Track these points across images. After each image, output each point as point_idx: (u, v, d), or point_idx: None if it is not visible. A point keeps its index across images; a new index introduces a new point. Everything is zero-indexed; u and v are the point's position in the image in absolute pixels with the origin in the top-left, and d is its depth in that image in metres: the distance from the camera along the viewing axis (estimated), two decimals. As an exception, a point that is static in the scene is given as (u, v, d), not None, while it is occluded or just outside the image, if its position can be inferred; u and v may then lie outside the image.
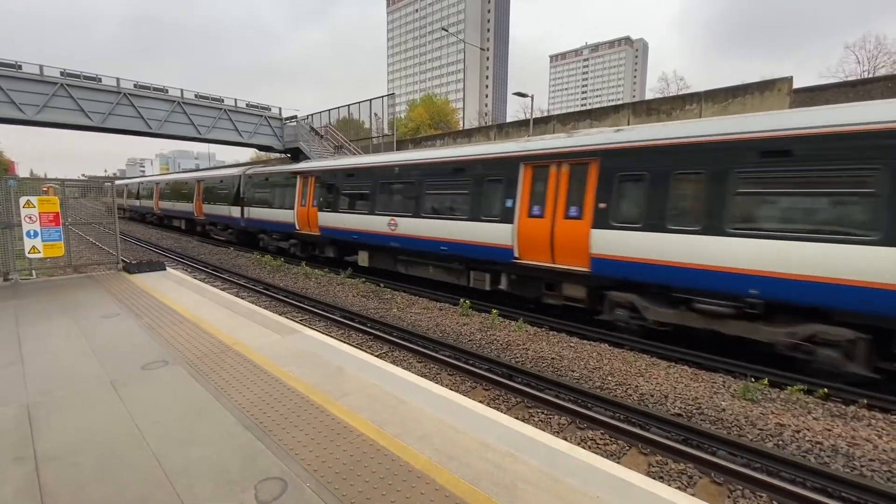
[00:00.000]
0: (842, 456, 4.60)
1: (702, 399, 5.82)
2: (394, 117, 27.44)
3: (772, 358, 6.89)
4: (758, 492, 4.17)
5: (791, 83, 13.55)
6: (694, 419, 5.42)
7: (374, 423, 3.60)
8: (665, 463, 4.67)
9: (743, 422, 5.28)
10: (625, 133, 8.25)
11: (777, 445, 4.85)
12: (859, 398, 5.74)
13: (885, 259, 5.47)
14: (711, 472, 4.45)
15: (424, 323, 9.19)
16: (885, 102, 6.05)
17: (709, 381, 6.41)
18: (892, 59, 34.97)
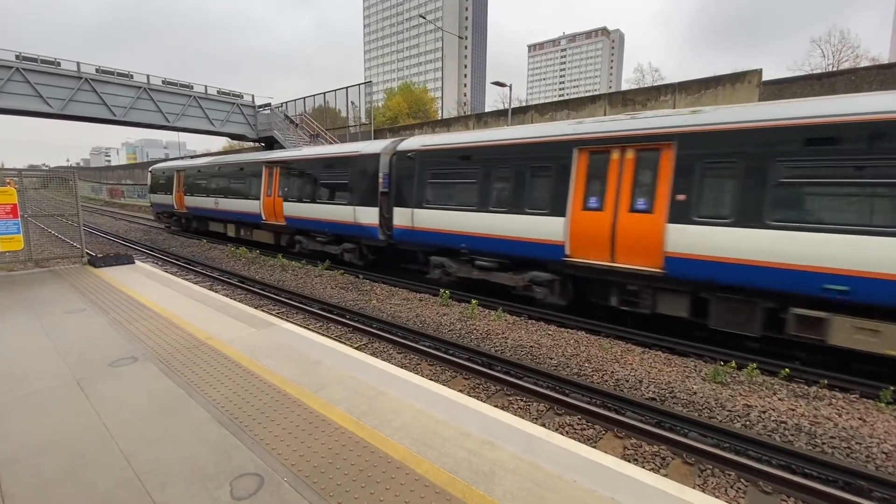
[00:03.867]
0: (805, 434, 4.82)
1: (674, 383, 6.00)
2: (371, 106, 26.97)
3: (741, 344, 7.15)
4: (726, 470, 4.33)
5: (760, 75, 13.89)
6: (667, 403, 5.58)
7: (353, 415, 3.57)
8: (639, 446, 4.80)
9: (713, 404, 5.47)
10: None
11: (744, 425, 5.05)
12: (821, 379, 6.02)
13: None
14: (683, 453, 4.60)
15: (404, 314, 9.16)
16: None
17: (681, 365, 6.61)
18: (854, 54, 36.33)
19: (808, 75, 15.66)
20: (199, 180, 20.61)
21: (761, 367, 6.28)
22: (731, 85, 14.20)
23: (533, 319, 8.89)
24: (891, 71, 12.62)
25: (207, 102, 23.99)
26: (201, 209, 20.47)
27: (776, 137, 6.36)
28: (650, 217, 7.37)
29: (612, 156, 7.90)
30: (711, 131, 6.89)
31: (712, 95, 14.36)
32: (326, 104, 27.89)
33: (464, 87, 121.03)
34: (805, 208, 6.23)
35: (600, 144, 8.05)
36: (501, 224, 9.22)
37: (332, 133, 25.55)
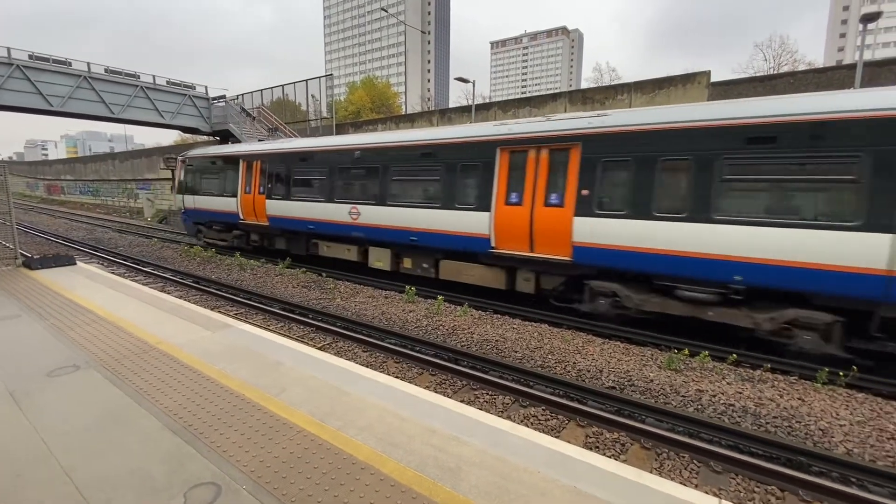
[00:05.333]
0: (750, 415, 5.13)
1: (632, 371, 6.24)
2: (332, 99, 26.37)
3: (696, 331, 7.52)
4: (681, 453, 4.55)
5: (709, 77, 14.61)
6: (626, 391, 5.79)
7: (316, 416, 3.48)
8: (600, 433, 4.96)
9: (668, 390, 5.73)
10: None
11: (697, 409, 5.31)
12: (764, 363, 6.43)
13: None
14: (641, 438, 4.79)
15: (370, 312, 9.04)
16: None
17: (639, 354, 6.88)
18: (793, 58, 38.89)
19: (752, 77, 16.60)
20: (312, 173, 12.63)
21: (712, 353, 6.63)
22: (682, 85, 14.85)
23: (498, 314, 8.99)
24: (825, 74, 13.58)
25: (156, 93, 22.67)
26: (312, 223, 12.41)
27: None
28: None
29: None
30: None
31: (665, 95, 14.97)
32: (286, 97, 27.03)
33: (427, 83, 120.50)
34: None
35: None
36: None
37: (292, 127, 24.80)
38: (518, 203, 8.73)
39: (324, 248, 12.68)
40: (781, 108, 6.37)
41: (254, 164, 14.30)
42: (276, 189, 13.53)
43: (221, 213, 15.57)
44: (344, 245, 12.09)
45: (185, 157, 17.42)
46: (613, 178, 7.72)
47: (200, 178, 16.51)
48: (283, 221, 13.44)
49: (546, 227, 8.36)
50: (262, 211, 13.93)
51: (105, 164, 45.51)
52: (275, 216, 13.60)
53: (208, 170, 16.28)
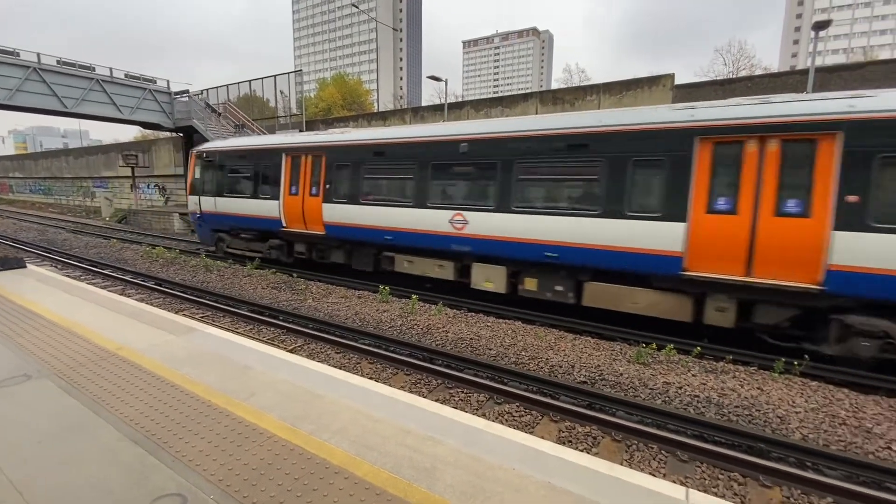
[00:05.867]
0: (714, 405, 5.34)
1: (603, 366, 6.38)
2: (302, 96, 25.82)
3: (664, 327, 7.77)
4: (650, 444, 4.69)
5: (673, 79, 15.12)
6: (597, 385, 5.93)
7: (287, 421, 3.40)
8: (573, 427, 5.05)
9: (637, 383, 5.89)
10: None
11: (664, 401, 5.49)
12: (726, 355, 6.70)
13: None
14: (612, 431, 4.91)
15: (342, 312, 8.90)
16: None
17: (609, 349, 7.05)
18: (750, 63, 40.72)
19: (713, 81, 17.28)
20: (394, 172, 10.31)
21: (677, 346, 6.86)
22: (648, 87, 15.30)
23: (472, 312, 9.03)
24: (780, 79, 14.28)
25: (114, 87, 21.60)
26: (391, 232, 10.09)
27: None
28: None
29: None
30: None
31: (632, 96, 15.39)
32: (253, 93, 26.29)
33: (400, 80, 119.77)
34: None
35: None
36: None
37: (260, 124, 24.15)
38: (730, 211, 6.68)
39: (402, 263, 10.26)
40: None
41: (303, 159, 11.60)
42: (337, 190, 10.91)
43: (254, 219, 12.72)
44: (435, 260, 9.76)
45: (201, 150, 14.31)
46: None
47: (224, 177, 13.39)
48: (346, 230, 10.86)
49: (778, 244, 6.40)
50: (316, 217, 11.29)
51: (58, 161, 43.08)
52: (335, 223, 10.97)
53: (236, 166, 13.19)
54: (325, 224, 11.20)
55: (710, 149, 6.86)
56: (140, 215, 26.05)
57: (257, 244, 13.25)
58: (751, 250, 6.60)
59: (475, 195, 9.10)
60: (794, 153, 6.37)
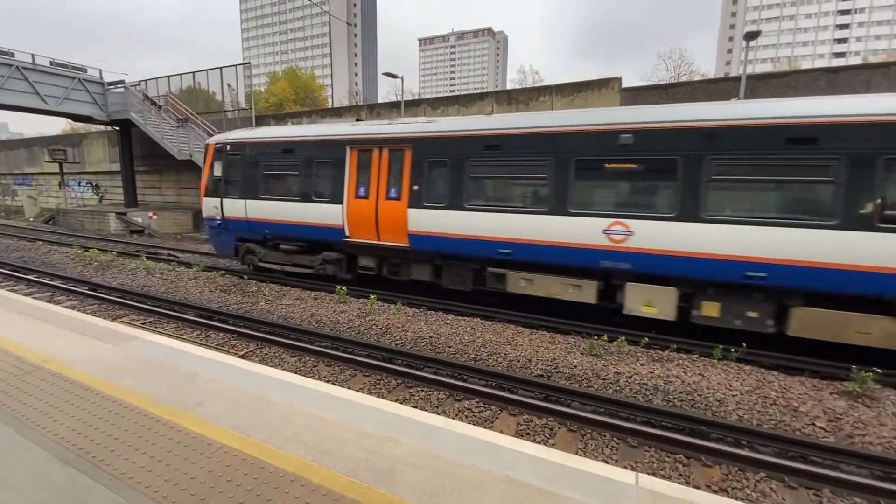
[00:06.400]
0: (661, 392, 5.64)
1: (558, 359, 6.58)
2: (251, 89, 24.74)
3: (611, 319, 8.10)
4: (602, 432, 4.88)
5: (620, 82, 15.79)
6: (553, 378, 6.10)
7: (238, 430, 3.25)
8: (531, 420, 5.17)
9: (590, 374, 6.12)
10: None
11: (616, 391, 5.74)
12: (671, 344, 7.09)
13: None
14: (567, 422, 5.07)
15: (297, 314, 8.63)
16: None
17: (564, 343, 7.27)
18: (690, 69, 43.30)
19: (657, 85, 18.21)
20: (517, 170, 8.44)
21: (627, 338, 7.18)
22: (598, 89, 15.89)
23: (432, 310, 9.03)
24: (716, 85, 15.26)
25: (37, 75, 19.73)
26: (512, 245, 8.28)
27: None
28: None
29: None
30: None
31: (583, 98, 15.94)
32: (198, 85, 24.88)
33: (355, 77, 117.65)
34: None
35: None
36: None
37: (205, 118, 22.92)
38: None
39: (518, 282, 8.45)
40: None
41: (377, 153, 9.55)
42: (429, 193, 8.94)
43: (303, 227, 10.44)
44: (569, 279, 7.96)
45: (224, 141, 11.63)
46: None
47: (259, 175, 10.96)
48: (442, 242, 8.89)
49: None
50: (397, 225, 9.29)
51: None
52: (425, 233, 9.00)
53: (276, 162, 10.83)
54: (411, 234, 9.13)
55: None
56: (70, 215, 24.00)
57: (303, 257, 10.88)
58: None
59: (644, 200, 7.36)
60: None
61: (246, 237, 11.61)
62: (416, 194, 9.06)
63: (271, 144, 10.95)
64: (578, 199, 7.67)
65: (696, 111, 7.07)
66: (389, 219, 9.40)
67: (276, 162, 10.84)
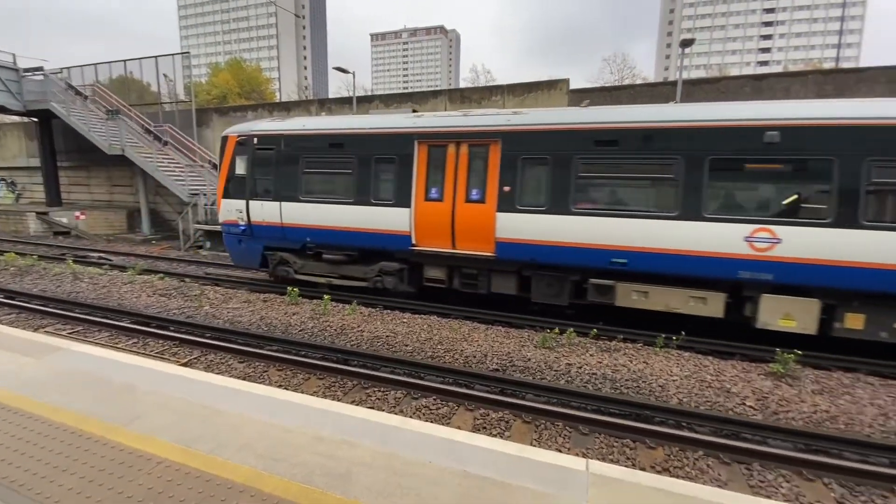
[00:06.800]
0: (609, 381, 5.92)
1: (513, 353, 6.73)
2: (191, 80, 23.33)
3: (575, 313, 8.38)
4: (555, 422, 5.05)
5: (568, 84, 16.34)
6: (508, 371, 6.24)
7: (181, 442, 3.06)
8: (487, 414, 5.26)
9: (543, 367, 6.31)
10: None
11: (567, 381, 5.95)
12: (618, 334, 7.45)
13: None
14: (522, 413, 5.20)
15: (246, 318, 8.27)
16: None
17: (518, 337, 7.44)
18: (632, 73, 45.53)
19: (602, 87, 19.01)
20: (642, 168, 7.45)
21: (577, 330, 7.47)
22: (547, 90, 16.36)
23: (388, 309, 8.95)
24: (655, 88, 16.16)
25: (-66, 58, 17.54)
26: (629, 253, 7.41)
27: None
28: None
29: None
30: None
31: (534, 98, 16.34)
32: (130, 75, 23.13)
33: (304, 70, 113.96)
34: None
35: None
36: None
37: (140, 110, 21.37)
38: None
39: (631, 295, 7.60)
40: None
41: (453, 149, 8.40)
42: (523, 195, 7.92)
43: (357, 234, 9.14)
44: (696, 291, 7.19)
45: (249, 132, 10.06)
46: None
47: (298, 173, 9.54)
48: (541, 251, 7.87)
49: None
50: (481, 231, 8.23)
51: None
52: (517, 241, 7.97)
53: (320, 157, 9.46)
54: (499, 242, 8.10)
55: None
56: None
57: (354, 268, 9.57)
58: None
59: (793, 204, 6.66)
60: None
61: (278, 245, 10.08)
62: (506, 196, 7.96)
63: (316, 138, 9.48)
64: (714, 203, 6.97)
65: (852, 108, 6.52)
66: (470, 224, 8.30)
67: (321, 158, 9.41)
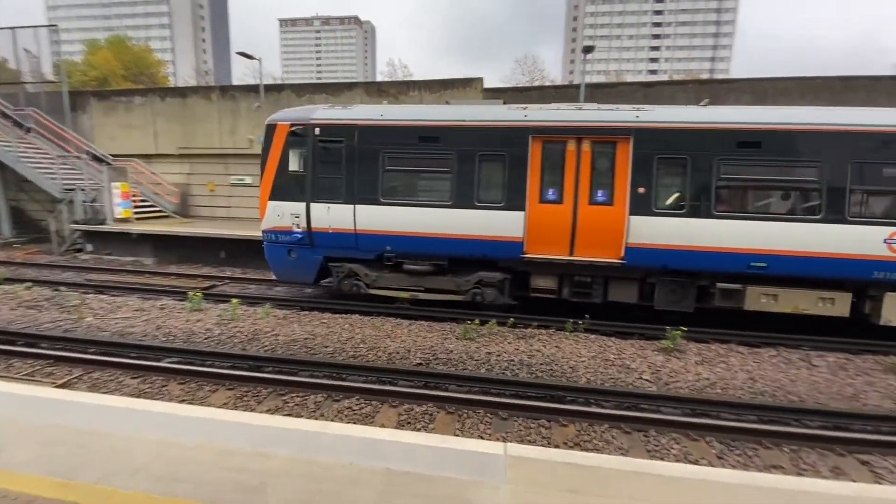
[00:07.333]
0: (525, 366, 6.23)
1: (436, 346, 6.81)
2: (61, 58, 20.15)
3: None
4: (476, 410, 5.19)
5: (482, 82, 16.83)
6: (431, 364, 6.29)
7: (58, 475, 2.66)
8: (411, 409, 5.25)
9: (465, 357, 6.47)
10: None
11: (487, 369, 6.17)
12: (532, 322, 7.88)
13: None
14: (446, 405, 5.28)
15: (139, 328, 7.39)
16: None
17: (440, 330, 7.54)
18: (542, 75, 48.13)
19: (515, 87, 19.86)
20: (805, 170, 7.33)
21: (498, 320, 7.75)
22: (462, 87, 16.69)
23: (306, 311, 8.56)
24: (563, 91, 17.28)
25: None
26: (771, 258, 7.33)
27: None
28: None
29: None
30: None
31: (450, 94, 16.57)
32: (-23, 48, 19.32)
33: (204, 54, 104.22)
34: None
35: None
36: None
37: (-7, 91, 17.99)
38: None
39: (760, 298, 7.49)
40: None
41: (574, 146, 7.73)
42: (658, 197, 7.48)
43: (455, 241, 8.18)
44: (823, 293, 7.34)
45: (305, 121, 8.60)
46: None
47: (377, 170, 8.32)
48: (677, 256, 7.48)
49: None
50: (608, 236, 7.64)
51: None
52: (655, 247, 7.48)
53: (407, 152, 8.30)
54: (629, 247, 7.57)
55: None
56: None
57: (443, 279, 8.54)
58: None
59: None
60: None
61: (344, 255, 8.77)
62: (641, 198, 7.47)
63: (401, 130, 8.29)
64: (857, 207, 7.07)
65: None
66: (595, 229, 7.71)
67: (409, 154, 8.28)
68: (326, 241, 8.62)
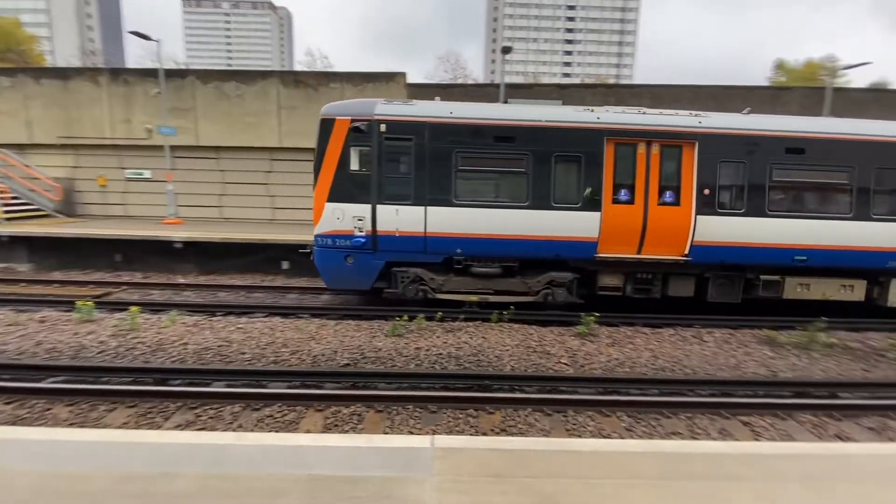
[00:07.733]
0: (453, 358, 6.34)
1: (364, 345, 6.68)
2: None
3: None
4: (406, 405, 5.17)
5: (405, 77, 16.72)
6: (359, 364, 6.16)
7: None
8: (339, 411, 5.09)
9: (394, 354, 6.42)
10: None
11: (417, 365, 6.17)
12: (460, 315, 8.03)
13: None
14: (374, 403, 5.20)
15: (14, 345, 6.37)
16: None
17: (368, 328, 7.42)
18: (464, 72, 48.95)
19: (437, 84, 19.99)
20: (831, 171, 8.37)
21: (426, 315, 7.78)
22: (386, 82, 16.45)
23: (220, 316, 7.95)
24: (484, 89, 17.73)
25: None
26: (809, 252, 8.32)
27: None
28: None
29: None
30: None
31: (373, 88, 16.26)
32: None
33: (90, 31, 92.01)
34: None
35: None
36: None
37: None
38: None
39: (796, 288, 8.53)
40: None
41: (643, 149, 8.06)
42: (721, 198, 8.12)
43: (529, 242, 8.10)
44: (845, 280, 8.54)
45: (368, 117, 7.99)
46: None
47: (450, 170, 7.98)
48: (735, 252, 8.23)
49: None
50: (674, 235, 8.11)
51: None
52: (716, 244, 8.13)
53: (481, 152, 8.06)
54: (695, 245, 8.08)
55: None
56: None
57: (512, 281, 8.46)
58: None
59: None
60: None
61: (408, 260, 8.37)
62: (705, 199, 8.03)
63: (475, 129, 8.05)
64: (880, 207, 8.26)
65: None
66: (663, 228, 8.11)
67: (483, 154, 8.10)
68: (392, 245, 8.24)
